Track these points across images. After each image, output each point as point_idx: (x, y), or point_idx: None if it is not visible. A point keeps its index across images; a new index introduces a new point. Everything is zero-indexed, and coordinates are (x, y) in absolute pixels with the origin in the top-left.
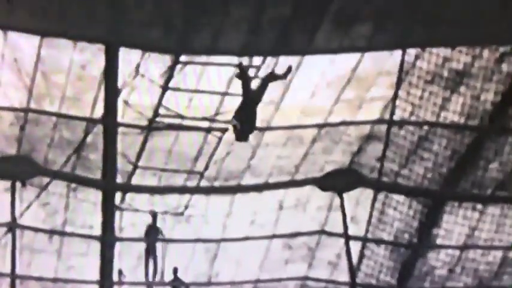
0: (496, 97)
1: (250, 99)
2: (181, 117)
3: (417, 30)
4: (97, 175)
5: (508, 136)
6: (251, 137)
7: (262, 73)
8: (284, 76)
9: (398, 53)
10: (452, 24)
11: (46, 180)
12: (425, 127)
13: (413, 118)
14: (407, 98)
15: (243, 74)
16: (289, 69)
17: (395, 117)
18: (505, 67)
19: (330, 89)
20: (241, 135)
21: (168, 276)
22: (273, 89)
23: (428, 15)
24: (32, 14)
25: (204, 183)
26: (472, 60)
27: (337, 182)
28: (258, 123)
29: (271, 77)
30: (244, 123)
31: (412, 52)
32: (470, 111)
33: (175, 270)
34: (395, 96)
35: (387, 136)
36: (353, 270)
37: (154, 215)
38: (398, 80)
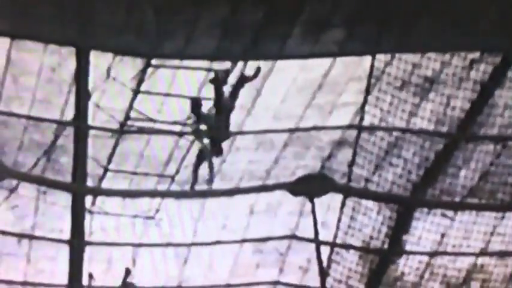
0: (466, 104)
1: (224, 107)
2: (153, 120)
3: (387, 37)
4: (67, 178)
5: (478, 143)
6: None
7: (233, 77)
8: (254, 77)
9: (368, 58)
10: (422, 31)
11: (15, 182)
12: (395, 133)
13: (383, 124)
14: (377, 104)
15: (216, 81)
16: (258, 70)
17: (366, 123)
18: (474, 74)
19: (301, 94)
20: (214, 147)
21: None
22: (244, 94)
23: (399, 23)
24: (1, 16)
25: (174, 187)
26: (441, 66)
27: (308, 187)
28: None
29: (242, 80)
30: (217, 133)
31: (382, 58)
32: (440, 117)
33: (127, 271)
34: (365, 102)
35: (356, 142)
36: (324, 276)
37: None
38: (368, 86)
